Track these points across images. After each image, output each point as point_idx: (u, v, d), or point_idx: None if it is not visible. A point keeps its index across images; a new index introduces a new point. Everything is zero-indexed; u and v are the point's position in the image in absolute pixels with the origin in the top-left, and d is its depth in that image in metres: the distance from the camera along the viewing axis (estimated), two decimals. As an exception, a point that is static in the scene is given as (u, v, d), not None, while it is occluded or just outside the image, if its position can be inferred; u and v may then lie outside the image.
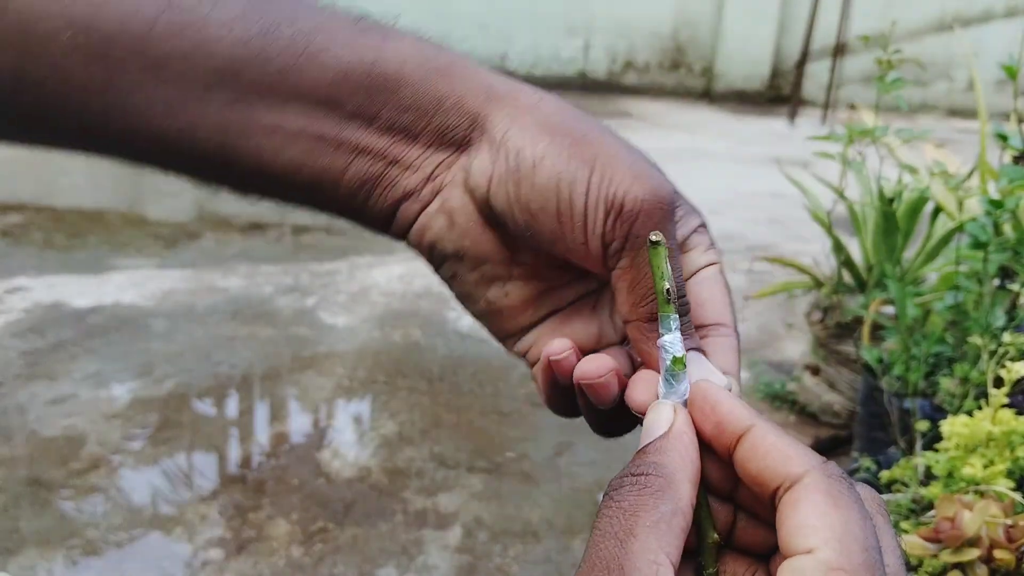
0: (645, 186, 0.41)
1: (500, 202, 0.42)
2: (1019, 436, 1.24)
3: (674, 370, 0.41)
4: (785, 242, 4.43)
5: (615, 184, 0.41)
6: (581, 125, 0.43)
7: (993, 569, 1.07)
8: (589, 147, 0.42)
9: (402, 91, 0.43)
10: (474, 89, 0.44)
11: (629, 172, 0.41)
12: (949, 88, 8.94)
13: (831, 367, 2.59)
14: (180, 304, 3.25)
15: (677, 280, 0.41)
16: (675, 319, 0.41)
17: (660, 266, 0.40)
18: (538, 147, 0.42)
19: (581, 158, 0.41)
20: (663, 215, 0.41)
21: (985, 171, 2.13)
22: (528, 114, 0.43)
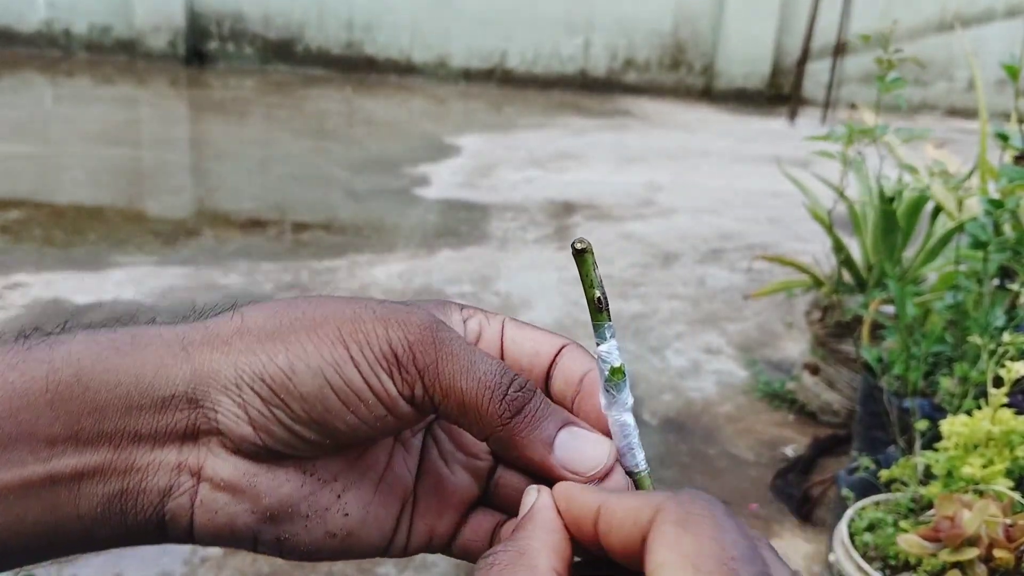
0: (397, 325, 0.39)
1: (279, 435, 0.39)
2: (1018, 436, 1.24)
3: (614, 380, 0.40)
4: (785, 241, 4.43)
5: (372, 343, 0.39)
6: (297, 311, 0.40)
7: (992, 568, 1.07)
8: (323, 327, 0.39)
9: (89, 393, 0.37)
10: (169, 350, 0.39)
11: (376, 324, 0.39)
12: (949, 88, 8.94)
13: (830, 366, 2.59)
14: (180, 301, 3.24)
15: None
16: (610, 327, 0.40)
17: (589, 274, 0.39)
18: (278, 360, 0.38)
19: (325, 341, 0.39)
20: (431, 332, 0.39)
21: (985, 171, 2.13)
22: (240, 338, 0.39)
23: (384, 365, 0.39)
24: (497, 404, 0.39)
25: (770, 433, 2.60)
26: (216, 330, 0.40)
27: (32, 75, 7.87)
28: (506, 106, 8.08)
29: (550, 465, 0.40)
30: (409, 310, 0.41)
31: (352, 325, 0.39)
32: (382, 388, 0.39)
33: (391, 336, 0.39)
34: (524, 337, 0.44)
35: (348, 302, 0.41)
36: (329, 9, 8.84)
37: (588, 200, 4.98)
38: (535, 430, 0.40)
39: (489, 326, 0.44)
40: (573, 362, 0.44)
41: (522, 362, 0.44)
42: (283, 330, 0.39)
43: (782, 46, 8.86)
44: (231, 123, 6.65)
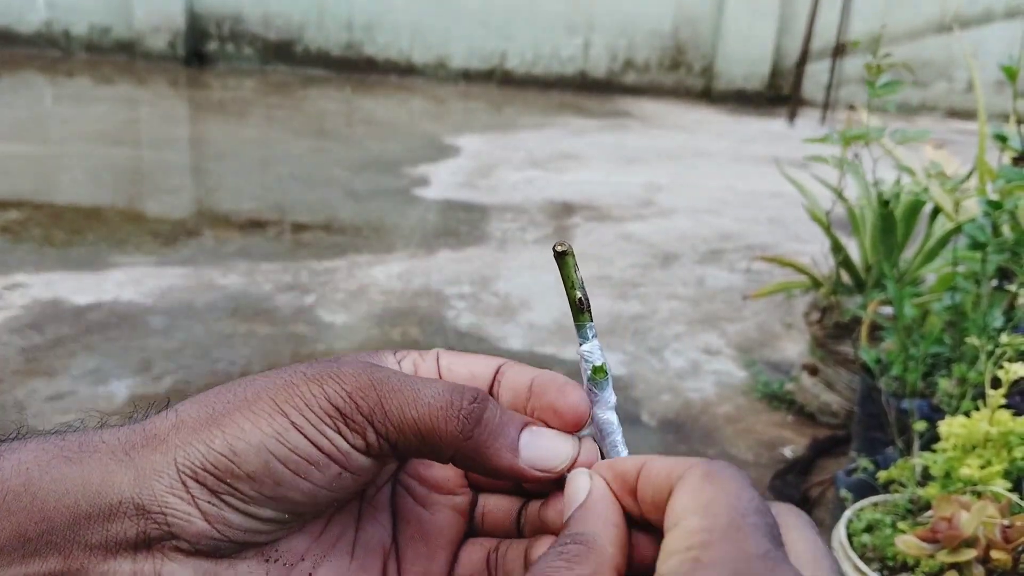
0: (331, 379, 0.39)
1: (236, 521, 0.38)
2: (1016, 437, 1.24)
3: (596, 379, 0.40)
4: (784, 242, 4.43)
5: (311, 403, 0.39)
6: (229, 394, 0.40)
7: (990, 569, 1.07)
8: (257, 402, 0.39)
9: (37, 502, 0.37)
10: (113, 456, 0.39)
11: (310, 385, 0.39)
12: (948, 89, 8.94)
13: (829, 367, 2.60)
14: (179, 301, 3.25)
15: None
16: (591, 327, 0.40)
17: (570, 276, 0.40)
18: (215, 445, 0.38)
19: (262, 415, 0.39)
20: (367, 375, 0.39)
21: (984, 172, 2.14)
22: (176, 433, 0.39)
23: (329, 422, 0.38)
24: (455, 422, 0.39)
25: (769, 434, 2.60)
26: (154, 430, 0.39)
27: (32, 75, 7.87)
28: (506, 107, 8.09)
29: (519, 469, 0.40)
30: (339, 363, 0.40)
31: (286, 392, 0.39)
32: (331, 446, 0.39)
33: (327, 391, 0.39)
34: (459, 364, 0.44)
35: (278, 373, 0.41)
36: (329, 10, 8.84)
37: (588, 201, 4.98)
38: (498, 438, 0.40)
39: (424, 362, 0.44)
40: (516, 375, 0.44)
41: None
42: (217, 415, 0.39)
43: (781, 47, 8.86)
44: (231, 123, 6.65)
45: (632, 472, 0.38)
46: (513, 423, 0.41)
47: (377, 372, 0.40)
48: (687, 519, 0.33)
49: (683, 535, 0.32)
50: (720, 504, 0.33)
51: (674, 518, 0.34)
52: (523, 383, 0.43)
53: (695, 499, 0.34)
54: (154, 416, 0.41)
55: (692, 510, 0.33)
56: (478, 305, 3.39)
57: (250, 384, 0.40)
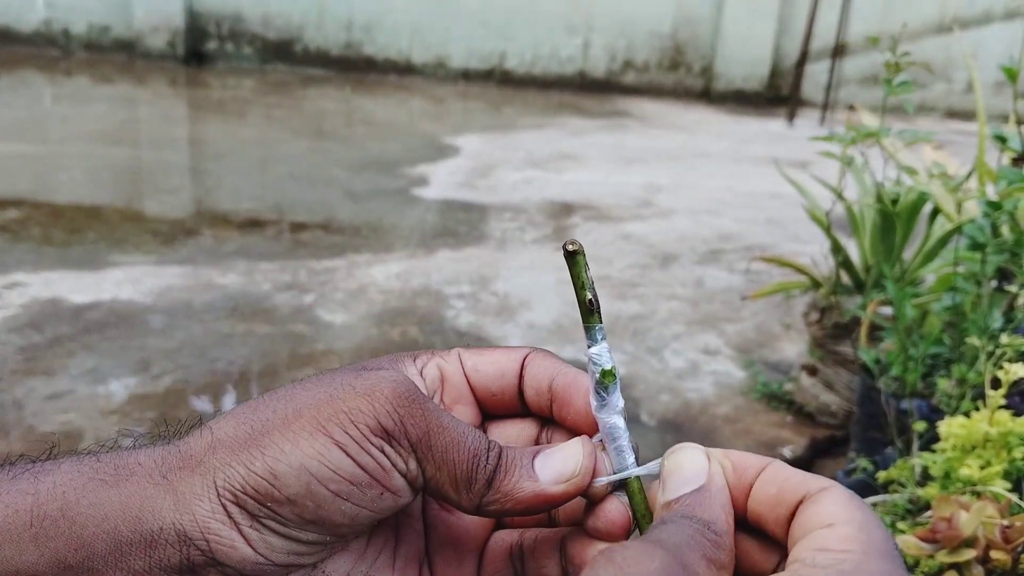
0: (382, 397, 0.38)
1: (278, 545, 0.38)
2: (1016, 437, 1.24)
3: (605, 383, 0.40)
4: (783, 242, 4.43)
5: (357, 420, 0.38)
6: (267, 410, 0.39)
7: (989, 570, 1.07)
8: (298, 420, 0.38)
9: (76, 528, 0.36)
10: (151, 480, 0.38)
11: (358, 400, 0.38)
12: (948, 90, 8.95)
13: (828, 367, 2.60)
14: (178, 301, 3.24)
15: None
16: (601, 329, 0.40)
17: (580, 276, 0.39)
18: (256, 468, 0.37)
19: (303, 434, 0.37)
20: (420, 404, 0.39)
21: (983, 173, 2.14)
22: (213, 454, 0.38)
23: (375, 441, 0.37)
24: (481, 471, 0.39)
25: (768, 434, 2.60)
26: (189, 451, 0.38)
27: (31, 74, 7.87)
28: (505, 107, 8.08)
29: (543, 492, 0.40)
30: (383, 377, 0.39)
31: (329, 407, 0.38)
32: (376, 465, 0.38)
33: (377, 410, 0.38)
34: (485, 363, 0.44)
35: (318, 385, 0.39)
36: (328, 9, 8.84)
37: (587, 201, 4.98)
38: (515, 473, 0.40)
39: (448, 365, 0.44)
40: (537, 370, 0.43)
41: (491, 388, 0.44)
42: (256, 435, 0.38)
43: (781, 48, 8.86)
44: (230, 123, 6.65)
45: (754, 469, 0.38)
46: (524, 454, 0.41)
47: (428, 403, 0.39)
48: (842, 526, 0.33)
49: (839, 540, 0.33)
50: (874, 526, 0.33)
51: (824, 518, 0.34)
52: (543, 383, 0.43)
53: (845, 511, 0.34)
54: (188, 435, 0.40)
55: (844, 520, 0.33)
56: (477, 305, 3.39)
57: (290, 398, 0.39)
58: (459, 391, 0.44)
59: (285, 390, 0.40)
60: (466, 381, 0.44)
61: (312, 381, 0.40)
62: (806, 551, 0.33)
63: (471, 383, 0.44)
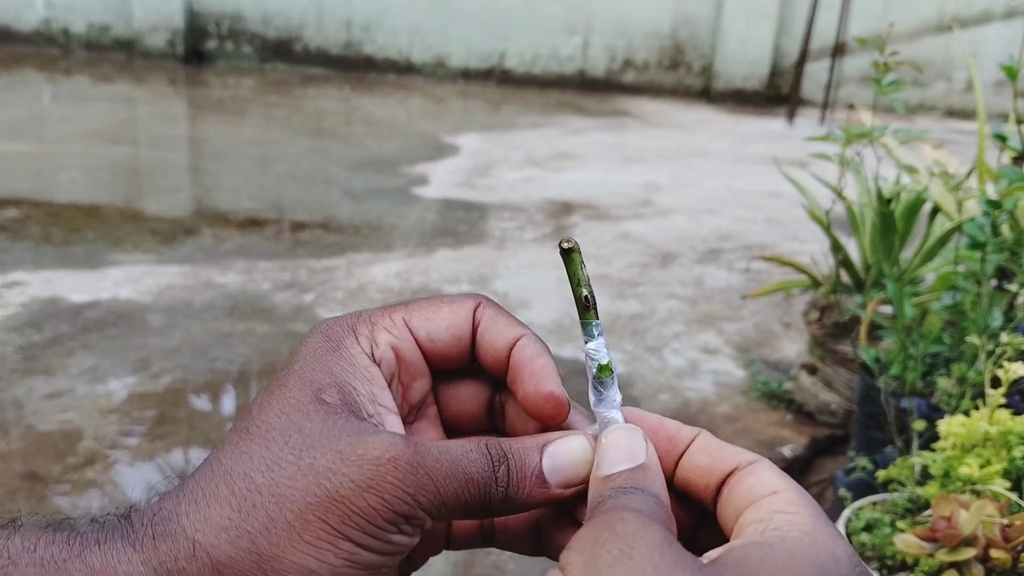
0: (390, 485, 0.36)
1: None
2: (1016, 436, 1.24)
3: (602, 377, 0.40)
4: (783, 242, 4.43)
5: (374, 519, 0.36)
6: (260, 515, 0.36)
7: (989, 568, 1.07)
8: (307, 528, 0.35)
9: None
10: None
11: (366, 496, 0.36)
12: (947, 89, 8.95)
13: (828, 366, 2.60)
14: (177, 300, 3.24)
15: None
16: (597, 325, 0.40)
17: (576, 273, 0.39)
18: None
19: (322, 547, 0.35)
20: (422, 468, 0.37)
21: (983, 172, 2.14)
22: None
23: (394, 529, 0.36)
24: (499, 492, 0.38)
25: (768, 433, 2.60)
26: (184, 573, 0.34)
27: (30, 74, 7.86)
28: (505, 106, 8.08)
29: (554, 495, 0.40)
30: (378, 459, 0.36)
31: (338, 509, 0.35)
32: (396, 547, 0.37)
33: (389, 501, 0.36)
34: (439, 330, 0.42)
35: (303, 471, 0.36)
36: (328, 9, 8.84)
37: (586, 200, 4.98)
38: (526, 482, 0.39)
39: (401, 342, 0.41)
40: (493, 334, 0.42)
41: (448, 353, 0.42)
42: (265, 555, 0.35)
43: (781, 47, 8.86)
44: (229, 122, 6.65)
45: (686, 439, 0.40)
46: (532, 459, 0.40)
47: (426, 458, 0.37)
48: (785, 492, 0.36)
49: (788, 503, 0.35)
50: (806, 493, 0.36)
51: (764, 486, 0.36)
52: (499, 349, 0.42)
53: (782, 481, 0.36)
54: (167, 545, 0.35)
55: (784, 487, 0.36)
56: (477, 304, 3.39)
57: (280, 495, 0.35)
58: (416, 367, 0.42)
59: (261, 473, 0.36)
60: (420, 353, 0.42)
61: (286, 455, 0.36)
62: (760, 513, 0.35)
63: (426, 353, 0.42)
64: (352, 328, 0.41)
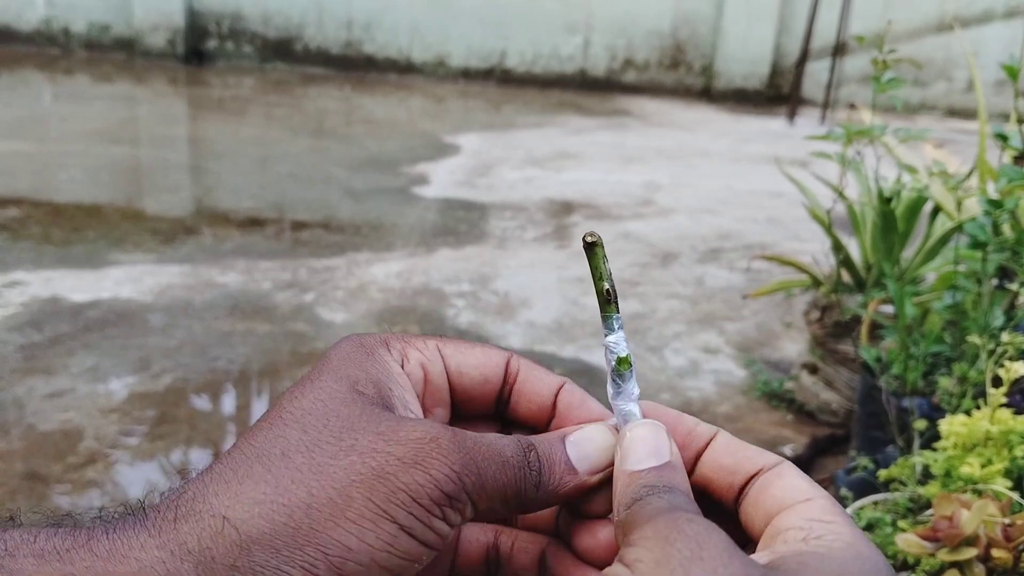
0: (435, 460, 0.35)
1: None
2: (1017, 435, 1.24)
3: (620, 370, 0.40)
4: (783, 241, 4.43)
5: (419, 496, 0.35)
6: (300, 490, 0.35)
7: (991, 568, 1.07)
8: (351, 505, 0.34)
9: None
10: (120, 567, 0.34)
11: (413, 472, 0.35)
12: (948, 88, 8.94)
13: (829, 366, 2.59)
14: (178, 299, 3.24)
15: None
16: (618, 319, 0.40)
17: (599, 267, 0.39)
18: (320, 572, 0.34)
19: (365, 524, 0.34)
20: (465, 449, 0.36)
21: (984, 171, 2.14)
22: (246, 555, 0.34)
23: (438, 511, 0.35)
24: (530, 479, 0.38)
25: (769, 433, 2.60)
26: (209, 553, 0.33)
27: (31, 73, 7.86)
28: (505, 105, 8.08)
29: (583, 483, 0.40)
30: (421, 438, 0.36)
31: (384, 486, 0.34)
32: (436, 537, 0.36)
33: (437, 478, 0.35)
34: (469, 366, 0.42)
35: (345, 449, 0.35)
36: (328, 8, 8.84)
37: (587, 199, 4.98)
38: (555, 470, 0.39)
39: (431, 364, 0.42)
40: (534, 386, 0.43)
41: (472, 393, 0.42)
42: (301, 527, 0.33)
43: (781, 46, 8.86)
44: (230, 122, 6.65)
45: (704, 437, 0.41)
46: (558, 448, 0.40)
47: (465, 438, 0.37)
48: (819, 500, 0.36)
49: (824, 510, 0.35)
50: (836, 503, 0.36)
51: (796, 492, 0.36)
52: (544, 395, 0.42)
53: (812, 487, 0.36)
54: (189, 525, 0.34)
55: (817, 494, 0.36)
56: (477, 303, 3.39)
57: (323, 472, 0.34)
58: (441, 393, 0.42)
59: (300, 453, 0.35)
60: (448, 383, 0.42)
61: (327, 437, 0.35)
62: (798, 520, 0.35)
63: (453, 385, 0.42)
64: (385, 341, 0.41)
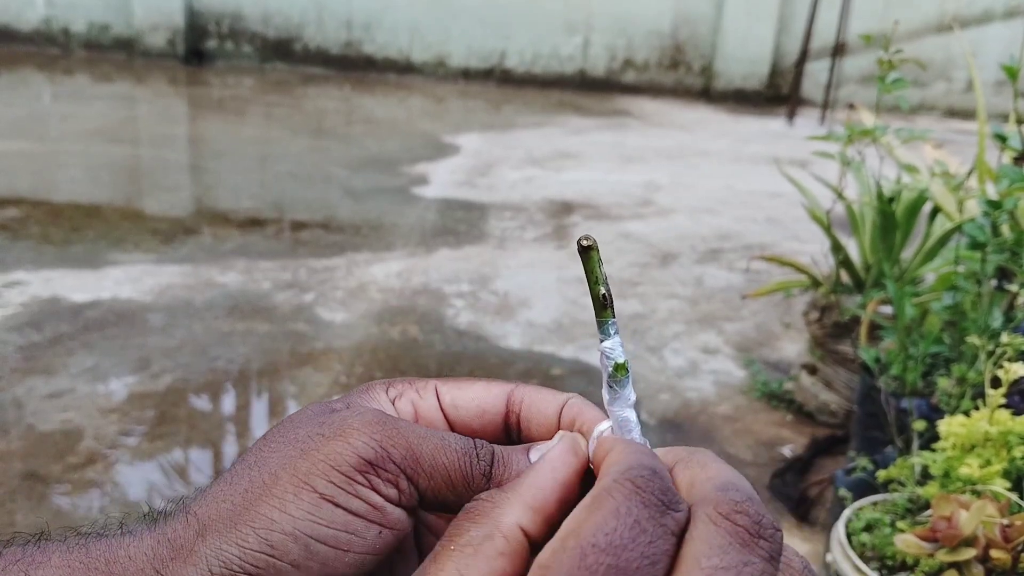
0: (354, 431, 0.37)
1: None
2: (1016, 436, 1.24)
3: (617, 376, 0.40)
4: (783, 241, 4.43)
5: (338, 463, 0.37)
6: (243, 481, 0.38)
7: (989, 568, 1.07)
8: (277, 483, 0.37)
9: None
10: (144, 572, 0.37)
11: (332, 443, 0.37)
12: (948, 89, 8.94)
13: (828, 366, 2.60)
14: (178, 299, 3.24)
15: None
16: (614, 324, 0.39)
17: (594, 271, 0.39)
18: (250, 544, 0.36)
19: (287, 497, 0.36)
20: (392, 422, 0.38)
21: (984, 172, 2.14)
22: (202, 540, 0.37)
23: (361, 479, 0.37)
24: (480, 466, 0.38)
25: (768, 433, 2.60)
26: (179, 540, 0.37)
27: (31, 73, 7.86)
28: (505, 105, 8.08)
29: None
30: (348, 415, 0.38)
31: (305, 461, 0.37)
32: (366, 506, 0.37)
33: (355, 445, 0.37)
34: (464, 399, 0.43)
35: (285, 444, 0.38)
36: (328, 8, 8.83)
37: (586, 199, 4.98)
38: (519, 465, 0.39)
39: (423, 401, 0.43)
40: (538, 404, 0.42)
41: (472, 425, 0.43)
42: (238, 510, 0.37)
43: (781, 47, 8.86)
44: (230, 121, 6.65)
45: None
46: (516, 452, 0.40)
47: (399, 420, 0.38)
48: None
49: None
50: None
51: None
52: (550, 413, 0.42)
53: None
54: (173, 518, 0.38)
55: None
56: (477, 303, 3.39)
57: (264, 463, 0.38)
58: (434, 428, 0.43)
59: (254, 455, 0.39)
60: (443, 418, 0.43)
61: (277, 440, 0.39)
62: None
63: (449, 421, 0.43)
64: (389, 383, 0.43)
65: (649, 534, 0.31)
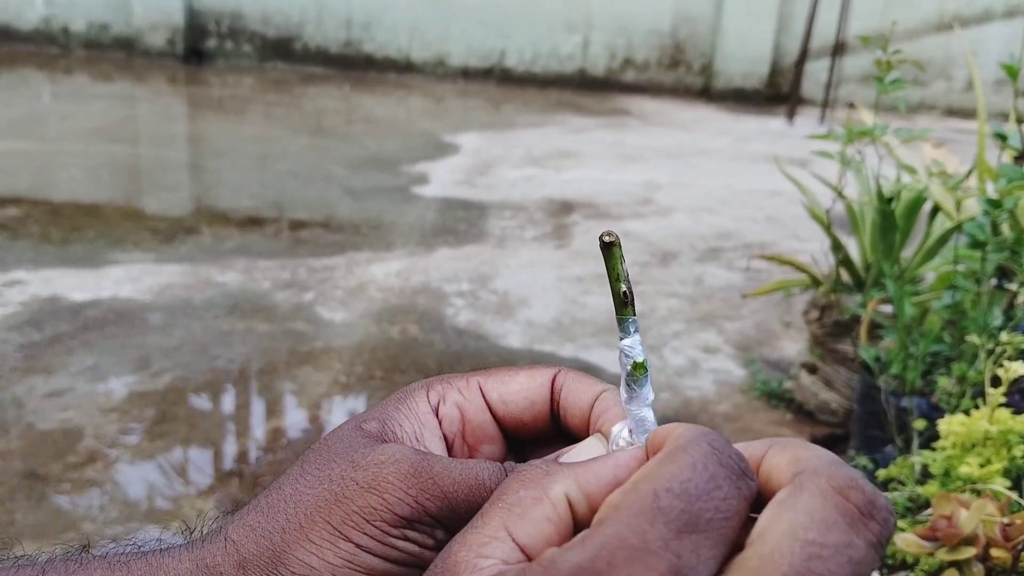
0: (389, 485, 0.37)
1: None
2: (1016, 435, 1.24)
3: (636, 375, 0.39)
4: (783, 240, 4.43)
5: (372, 518, 0.37)
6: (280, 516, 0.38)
7: (989, 568, 1.07)
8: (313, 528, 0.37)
9: None
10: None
11: (367, 496, 0.37)
12: (947, 88, 8.94)
13: (828, 366, 2.60)
14: (177, 298, 3.24)
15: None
16: (634, 322, 0.39)
17: (616, 267, 0.38)
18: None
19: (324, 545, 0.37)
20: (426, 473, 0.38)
21: (983, 171, 2.14)
22: (242, 572, 0.38)
23: (397, 533, 0.37)
24: None
25: (768, 432, 2.60)
26: (218, 569, 0.38)
27: (30, 72, 7.86)
28: (505, 105, 8.08)
29: None
30: (382, 463, 0.38)
31: (340, 510, 0.37)
32: (406, 556, 0.37)
33: (389, 502, 0.37)
34: (512, 393, 0.42)
35: (322, 480, 0.38)
36: (328, 7, 8.83)
37: (586, 199, 4.98)
38: None
39: (468, 403, 0.42)
40: (576, 394, 0.42)
41: (523, 419, 0.42)
42: (277, 551, 0.37)
43: (781, 46, 8.86)
44: (229, 121, 6.65)
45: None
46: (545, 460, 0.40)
47: (433, 465, 0.38)
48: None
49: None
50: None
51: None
52: (583, 405, 0.42)
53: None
54: (210, 546, 0.39)
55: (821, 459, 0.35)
56: (477, 303, 3.39)
57: (299, 500, 0.38)
58: (483, 429, 0.42)
59: (291, 486, 0.39)
60: (491, 417, 0.42)
61: (313, 472, 0.39)
62: None
63: (499, 417, 0.42)
64: (428, 385, 0.43)
65: (724, 491, 0.30)
